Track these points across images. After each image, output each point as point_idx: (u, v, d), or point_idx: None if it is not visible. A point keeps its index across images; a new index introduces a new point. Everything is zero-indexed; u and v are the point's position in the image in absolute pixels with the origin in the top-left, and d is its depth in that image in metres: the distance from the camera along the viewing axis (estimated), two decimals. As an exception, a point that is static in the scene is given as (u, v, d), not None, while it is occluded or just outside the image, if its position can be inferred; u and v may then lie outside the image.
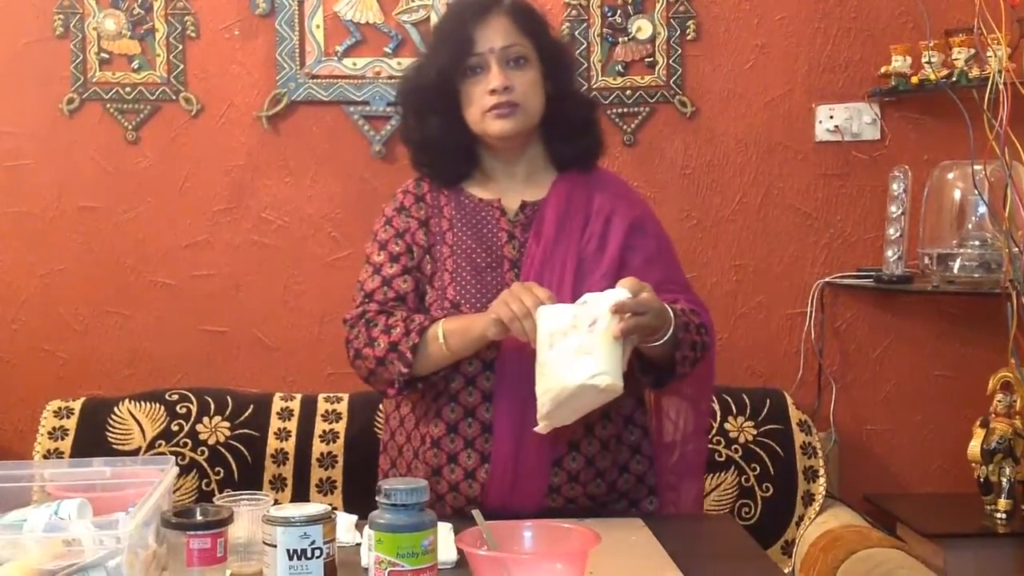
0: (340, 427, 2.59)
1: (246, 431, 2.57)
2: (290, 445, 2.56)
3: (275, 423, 2.59)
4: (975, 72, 2.65)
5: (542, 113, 1.87)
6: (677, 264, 1.96)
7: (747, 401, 2.67)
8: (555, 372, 1.61)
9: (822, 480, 2.62)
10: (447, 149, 1.89)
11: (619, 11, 2.83)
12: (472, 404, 1.78)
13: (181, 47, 2.80)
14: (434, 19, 2.76)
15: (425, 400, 1.84)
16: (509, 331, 1.66)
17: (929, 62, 2.70)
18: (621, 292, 1.63)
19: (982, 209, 2.64)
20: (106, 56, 2.80)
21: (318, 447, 2.56)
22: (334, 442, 2.56)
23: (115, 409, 2.58)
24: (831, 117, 2.86)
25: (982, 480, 2.61)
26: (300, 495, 2.52)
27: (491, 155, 1.91)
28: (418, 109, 1.91)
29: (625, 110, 2.85)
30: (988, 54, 2.56)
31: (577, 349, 1.60)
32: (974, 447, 2.60)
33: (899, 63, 2.75)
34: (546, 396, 1.63)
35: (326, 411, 2.61)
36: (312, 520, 1.33)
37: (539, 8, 1.98)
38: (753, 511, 2.60)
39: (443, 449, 1.79)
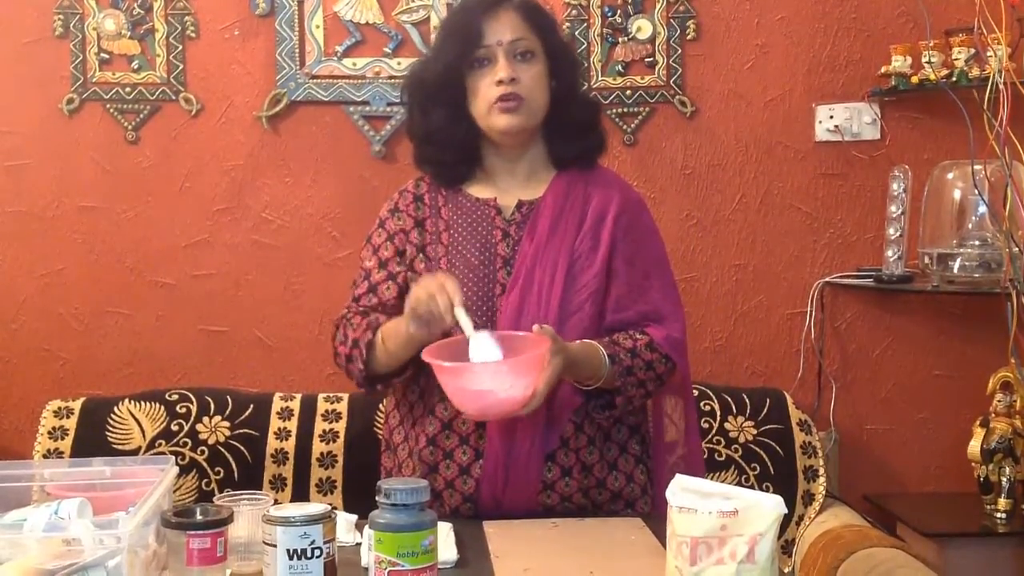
0: (340, 427, 2.59)
1: (246, 431, 2.57)
2: (290, 445, 2.56)
3: (275, 423, 2.59)
4: (975, 72, 2.65)
5: (546, 110, 1.87)
6: (660, 266, 1.93)
7: (747, 401, 2.67)
8: None
9: (822, 480, 2.62)
10: (450, 144, 1.89)
11: (619, 11, 2.83)
12: None
13: (181, 47, 2.80)
14: (434, 19, 2.76)
15: (422, 399, 1.85)
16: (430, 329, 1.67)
17: (929, 62, 2.70)
18: (778, 500, 1.33)
19: (982, 209, 2.64)
20: (106, 56, 2.80)
21: (318, 447, 2.56)
22: (334, 442, 2.56)
23: (115, 409, 2.58)
24: (831, 117, 2.86)
25: (982, 480, 2.61)
26: (300, 495, 2.52)
27: (493, 152, 1.91)
28: (423, 103, 1.90)
29: (625, 110, 2.85)
30: (988, 54, 2.56)
31: None
32: (974, 447, 2.61)
33: (899, 63, 2.75)
34: None
35: (326, 411, 2.61)
36: (312, 520, 1.33)
37: (547, 7, 1.98)
38: (753, 511, 2.59)
39: (439, 446, 1.81)
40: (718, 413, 2.64)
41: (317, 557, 1.32)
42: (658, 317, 1.86)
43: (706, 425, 2.62)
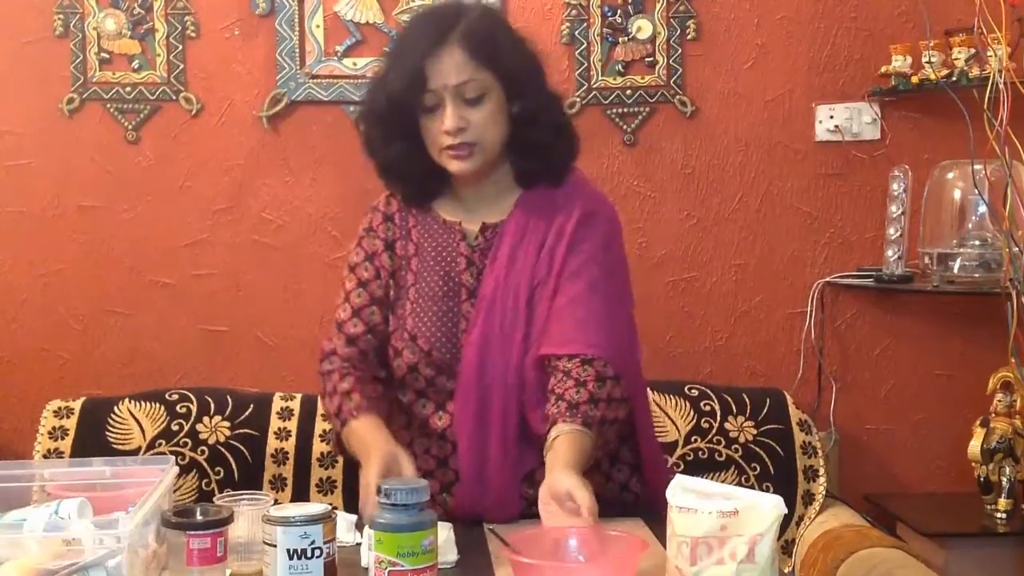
0: (340, 427, 2.58)
1: (246, 431, 2.57)
2: (290, 445, 2.56)
3: (275, 423, 2.59)
4: (975, 72, 2.65)
5: (506, 137, 1.76)
6: (602, 283, 1.75)
7: (747, 401, 2.67)
8: None
9: (822, 480, 2.62)
10: (412, 173, 1.81)
11: (619, 11, 2.83)
12: (441, 427, 1.78)
13: (181, 47, 2.80)
14: (434, 19, 2.76)
15: (406, 414, 1.83)
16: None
17: (929, 62, 2.70)
18: (778, 500, 1.33)
19: (982, 209, 2.65)
20: (106, 56, 2.80)
21: (318, 447, 2.56)
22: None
23: (115, 409, 2.58)
24: (831, 117, 2.86)
25: (982, 480, 2.61)
26: (300, 495, 2.52)
27: (458, 177, 1.80)
28: (380, 132, 1.81)
29: (625, 110, 2.85)
30: (988, 54, 2.56)
31: None
32: (974, 447, 2.61)
33: (899, 63, 2.75)
34: None
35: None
36: (312, 520, 1.33)
37: (501, 24, 1.82)
38: (753, 511, 2.59)
39: (419, 466, 1.76)
40: (718, 413, 2.64)
41: (317, 557, 1.32)
42: (587, 338, 1.70)
43: (706, 425, 2.62)
